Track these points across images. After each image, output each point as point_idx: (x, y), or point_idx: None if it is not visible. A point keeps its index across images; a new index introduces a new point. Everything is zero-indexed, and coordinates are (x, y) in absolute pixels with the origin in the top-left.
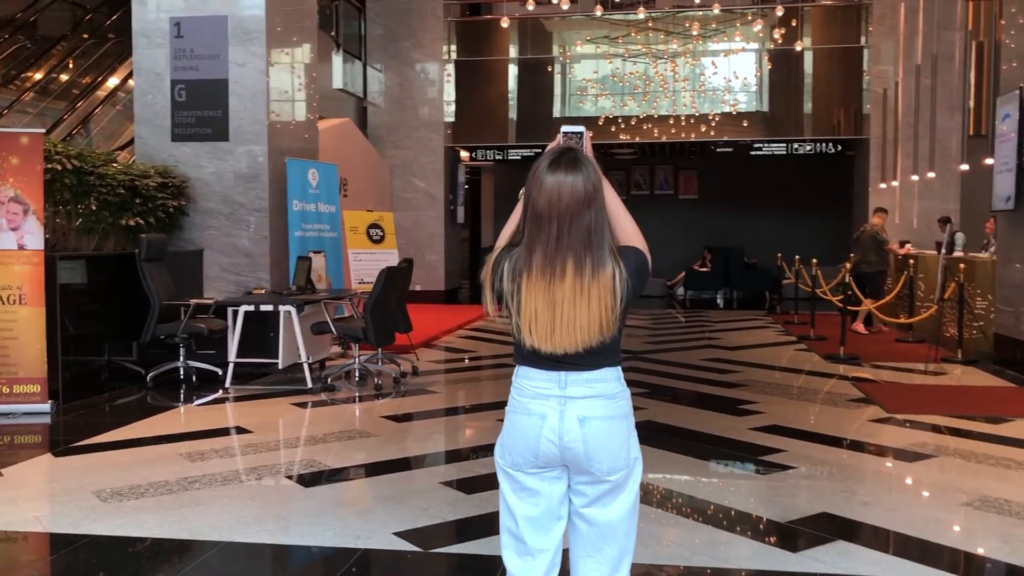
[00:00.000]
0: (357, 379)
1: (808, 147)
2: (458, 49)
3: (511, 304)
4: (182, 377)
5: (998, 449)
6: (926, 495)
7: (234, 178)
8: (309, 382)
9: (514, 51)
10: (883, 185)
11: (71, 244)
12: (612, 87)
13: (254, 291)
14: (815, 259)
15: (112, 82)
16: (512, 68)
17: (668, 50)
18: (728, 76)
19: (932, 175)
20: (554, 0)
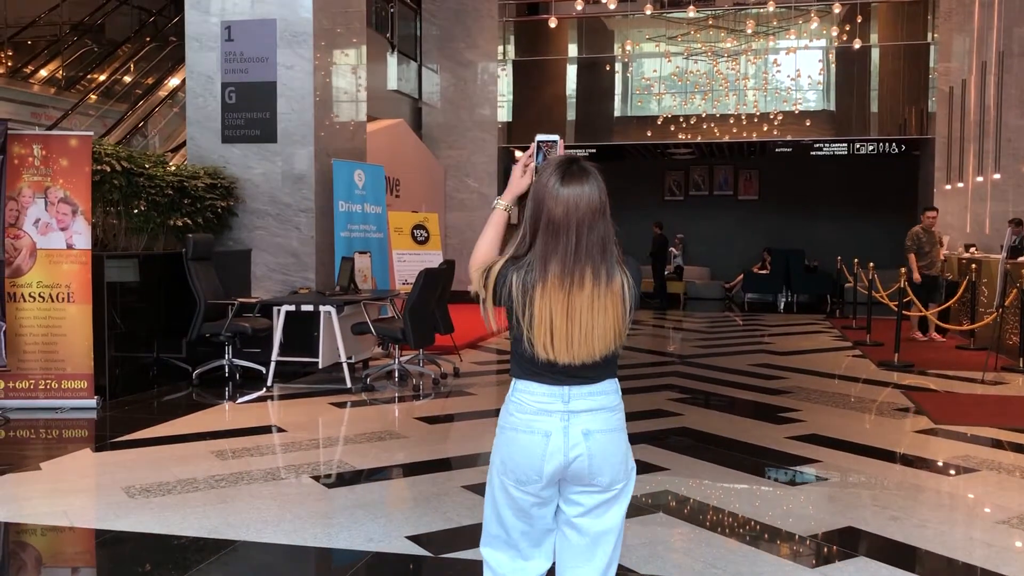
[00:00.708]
0: (397, 380)
1: (871, 147)
2: (515, 49)
3: (521, 317)
4: (227, 375)
5: None
6: (961, 511)
7: (282, 179)
8: (348, 382)
9: (573, 50)
10: (948, 186)
11: (121, 244)
12: (673, 86)
13: (299, 291)
14: (872, 263)
15: (172, 83)
16: (571, 68)
17: (730, 48)
18: (792, 74)
19: (997, 176)
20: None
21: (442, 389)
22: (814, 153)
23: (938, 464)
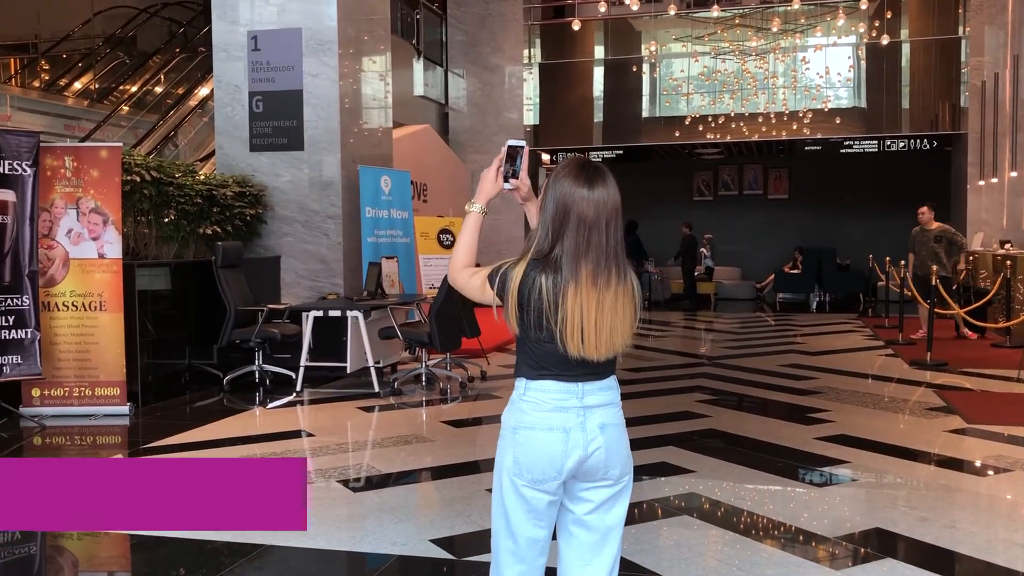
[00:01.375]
0: (424, 384)
1: (902, 144)
2: (541, 52)
3: (551, 316)
4: (257, 380)
5: None
6: (992, 512)
7: (309, 186)
8: (376, 386)
9: (600, 52)
10: (982, 182)
11: (152, 252)
12: (701, 86)
13: (328, 296)
14: (904, 260)
15: (202, 93)
16: (597, 70)
17: (757, 47)
18: (821, 72)
19: None
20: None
21: (469, 392)
22: (844, 151)
23: (970, 464)
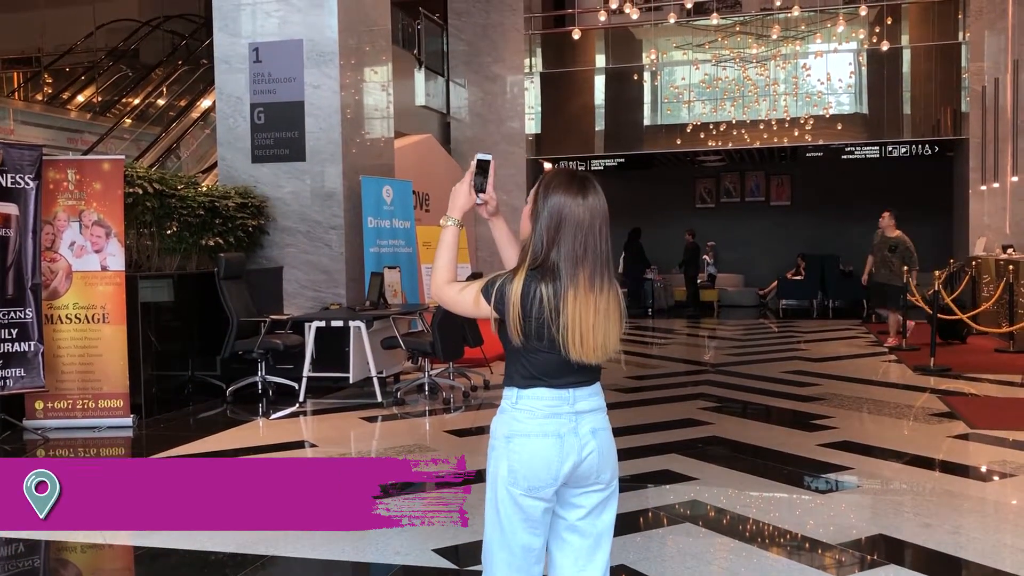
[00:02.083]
0: (427, 393)
1: (903, 149)
2: (542, 61)
3: (552, 323)
4: (260, 391)
5: None
6: (995, 517)
7: (311, 197)
8: (379, 396)
9: (601, 61)
10: (983, 187)
11: (154, 264)
12: (703, 93)
13: (330, 307)
14: (906, 266)
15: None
16: (599, 78)
17: (758, 54)
18: (822, 78)
19: None
20: (626, 10)
21: (472, 402)
22: (846, 157)
23: (973, 469)
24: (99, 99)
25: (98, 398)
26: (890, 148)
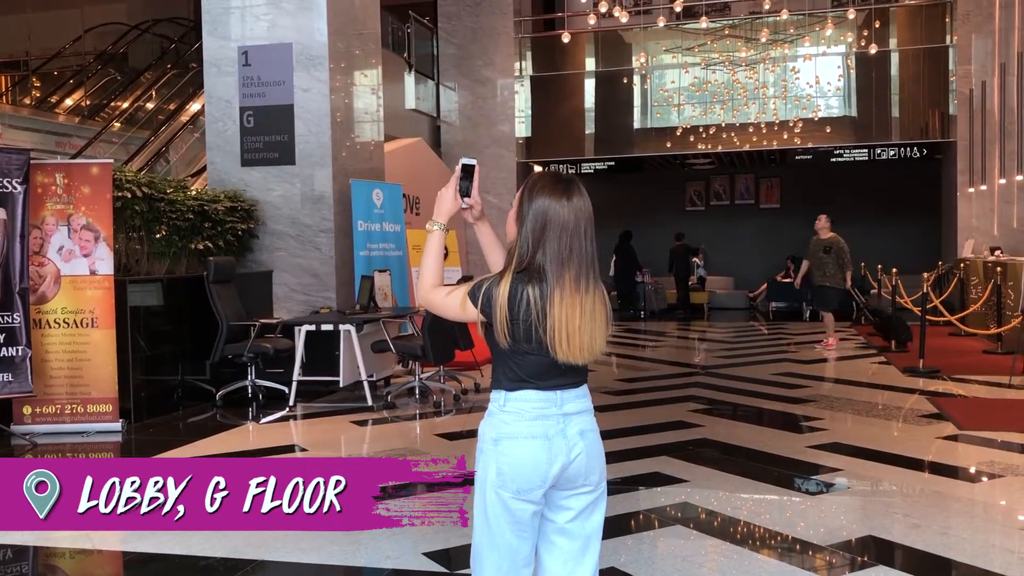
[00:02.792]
0: (418, 397)
1: (892, 152)
2: (533, 65)
3: (540, 325)
4: (250, 395)
5: None
6: (984, 518)
7: (301, 200)
8: (369, 400)
9: (591, 64)
10: (971, 189)
11: (144, 268)
12: (692, 96)
13: (320, 311)
14: (895, 268)
15: (193, 108)
16: (589, 81)
17: (747, 58)
18: (811, 81)
19: (1021, 178)
20: (616, 14)
21: (463, 405)
22: (835, 159)
23: (962, 470)
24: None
25: (87, 403)
26: (879, 151)
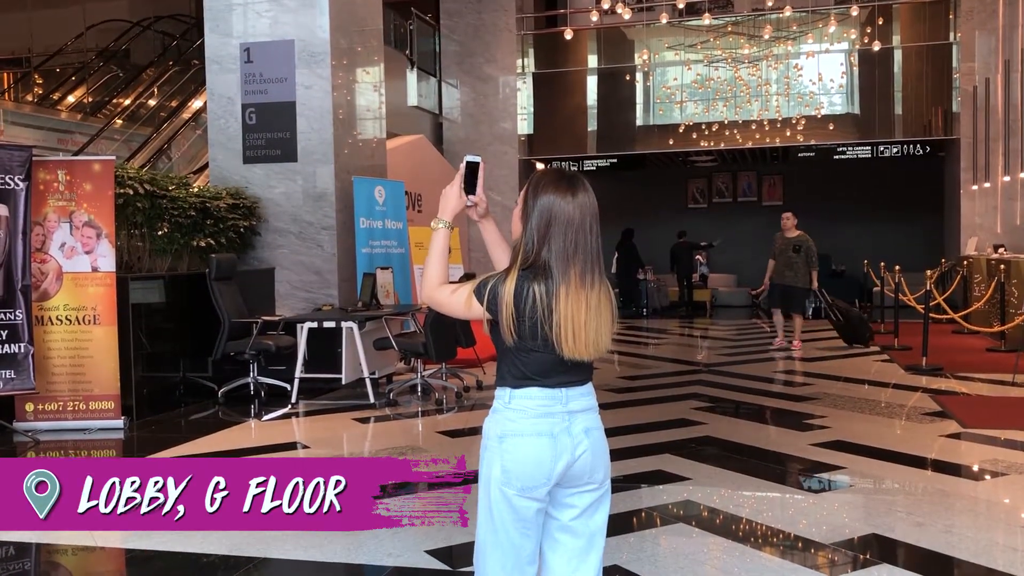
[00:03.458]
0: (420, 394)
1: (895, 149)
2: (535, 62)
3: (546, 322)
4: (252, 392)
5: None
6: (988, 516)
7: (303, 197)
8: (371, 397)
9: (593, 61)
10: (975, 187)
11: (145, 265)
12: (695, 94)
13: (322, 308)
14: (898, 266)
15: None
16: (591, 78)
17: (750, 55)
18: (814, 79)
19: None
20: (618, 10)
21: (465, 402)
22: (838, 157)
23: (965, 468)
24: (89, 100)
25: (89, 400)
26: (881, 148)
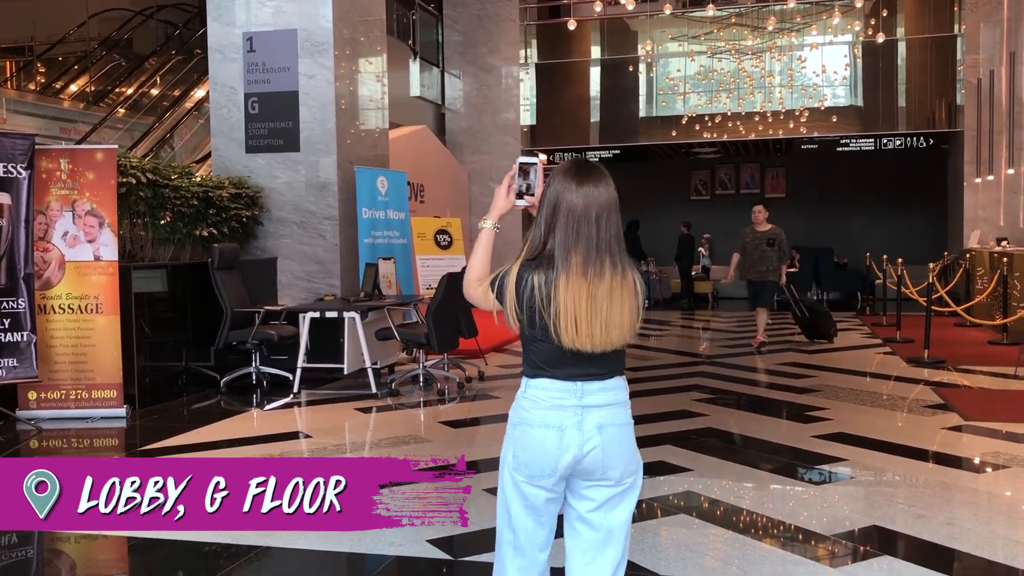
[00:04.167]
0: (422, 384)
1: (898, 142)
2: (538, 52)
3: (544, 311)
4: (254, 382)
5: None
6: (989, 508)
7: (305, 187)
8: (374, 387)
9: (596, 52)
10: (978, 179)
11: (148, 255)
12: (698, 85)
13: (325, 298)
14: (901, 258)
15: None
16: (594, 69)
17: (753, 46)
18: (817, 70)
19: None
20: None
21: (467, 393)
22: (841, 149)
23: (967, 461)
24: (92, 89)
25: (91, 389)
26: (885, 140)
